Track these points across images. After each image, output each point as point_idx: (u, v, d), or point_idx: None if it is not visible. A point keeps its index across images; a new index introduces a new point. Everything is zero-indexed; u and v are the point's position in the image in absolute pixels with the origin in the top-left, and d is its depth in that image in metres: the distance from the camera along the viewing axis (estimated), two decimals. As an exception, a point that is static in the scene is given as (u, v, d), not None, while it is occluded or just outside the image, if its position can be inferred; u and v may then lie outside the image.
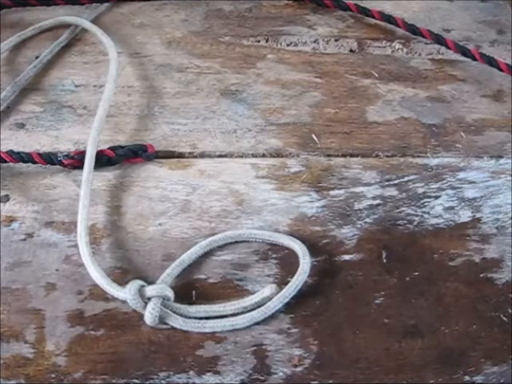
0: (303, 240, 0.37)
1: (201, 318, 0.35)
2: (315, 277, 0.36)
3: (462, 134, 0.42)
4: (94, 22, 0.48)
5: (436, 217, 0.38)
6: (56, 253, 0.37)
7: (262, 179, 0.40)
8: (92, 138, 0.39)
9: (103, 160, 0.39)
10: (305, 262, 0.36)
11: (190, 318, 0.35)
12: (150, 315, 0.34)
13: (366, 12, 0.48)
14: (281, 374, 0.34)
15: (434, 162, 0.41)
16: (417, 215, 0.38)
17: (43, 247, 0.37)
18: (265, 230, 0.38)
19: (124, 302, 0.34)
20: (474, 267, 0.37)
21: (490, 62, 0.45)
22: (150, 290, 0.34)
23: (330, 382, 0.34)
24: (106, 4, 0.50)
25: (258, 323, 0.35)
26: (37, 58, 0.45)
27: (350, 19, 0.49)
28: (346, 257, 0.37)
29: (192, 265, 0.37)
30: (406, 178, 0.40)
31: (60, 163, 0.39)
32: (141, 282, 0.35)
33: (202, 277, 0.36)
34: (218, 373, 0.34)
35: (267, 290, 0.35)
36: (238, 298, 0.35)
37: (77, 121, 0.42)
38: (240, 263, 0.37)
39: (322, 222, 0.38)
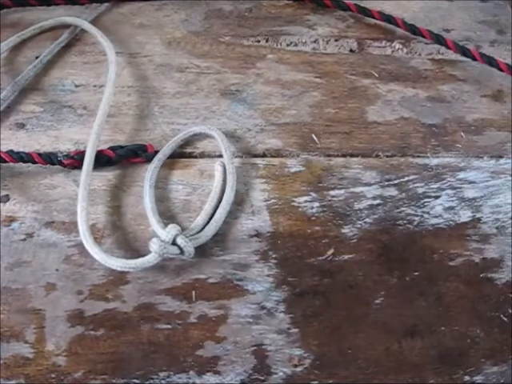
0: (303, 240, 0.37)
1: None
2: (315, 277, 0.36)
3: (462, 134, 0.42)
4: (94, 22, 0.48)
5: (436, 217, 0.38)
6: (56, 253, 0.37)
7: (262, 179, 0.40)
8: (91, 142, 0.39)
9: (103, 160, 0.39)
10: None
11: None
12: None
13: (366, 12, 0.48)
14: (281, 373, 0.34)
15: (433, 161, 0.41)
16: (417, 215, 0.38)
17: (43, 247, 0.37)
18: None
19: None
20: (474, 267, 0.37)
21: (490, 62, 0.45)
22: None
23: (330, 381, 0.34)
24: (106, 4, 0.50)
25: (257, 323, 0.35)
26: (37, 58, 0.45)
27: (350, 19, 0.49)
28: (346, 257, 0.37)
29: (192, 265, 0.37)
30: (405, 178, 0.40)
31: (60, 163, 0.39)
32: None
33: (202, 277, 0.36)
34: (218, 373, 0.34)
35: None
36: (238, 298, 0.35)
37: (77, 121, 0.42)
38: (240, 263, 0.37)
39: (322, 222, 0.38)
